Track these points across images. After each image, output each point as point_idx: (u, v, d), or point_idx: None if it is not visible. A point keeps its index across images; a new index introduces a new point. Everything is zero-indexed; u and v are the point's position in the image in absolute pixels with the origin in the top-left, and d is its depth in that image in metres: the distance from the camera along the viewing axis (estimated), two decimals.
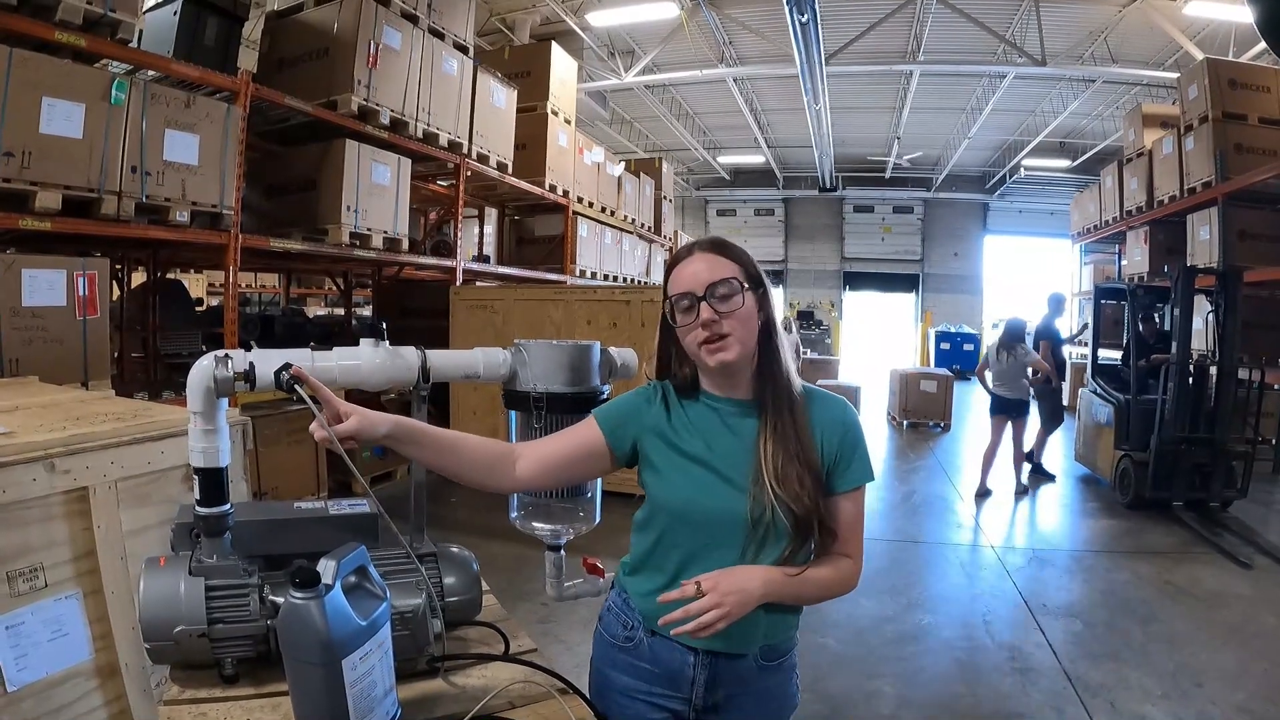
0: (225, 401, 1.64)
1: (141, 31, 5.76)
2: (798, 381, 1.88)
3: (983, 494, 9.48)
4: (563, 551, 2.04)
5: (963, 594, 6.29)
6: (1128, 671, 4.84)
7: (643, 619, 1.90)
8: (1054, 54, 14.61)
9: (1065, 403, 11.44)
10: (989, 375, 9.42)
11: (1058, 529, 8.43)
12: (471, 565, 1.90)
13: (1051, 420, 10.14)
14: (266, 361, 1.61)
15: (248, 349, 1.66)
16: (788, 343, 1.90)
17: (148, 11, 6.56)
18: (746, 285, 1.81)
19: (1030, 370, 9.34)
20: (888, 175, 27.14)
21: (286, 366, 1.60)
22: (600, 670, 1.99)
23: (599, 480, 2.04)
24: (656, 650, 1.88)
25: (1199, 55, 12.15)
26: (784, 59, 14.89)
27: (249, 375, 1.59)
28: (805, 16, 11.90)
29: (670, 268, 1.89)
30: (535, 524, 1.96)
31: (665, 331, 1.92)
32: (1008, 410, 9.31)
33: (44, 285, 4.78)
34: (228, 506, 1.66)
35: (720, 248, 1.86)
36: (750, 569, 1.77)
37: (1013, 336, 9.30)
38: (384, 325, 1.80)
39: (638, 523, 1.95)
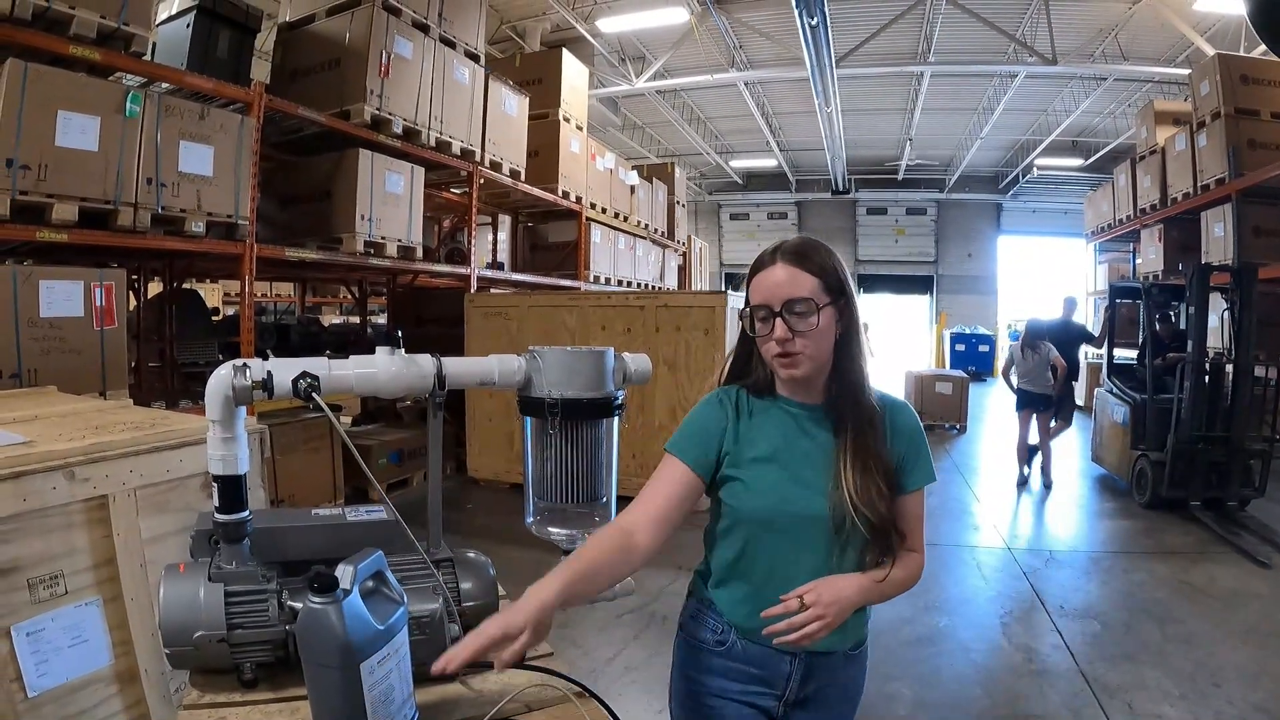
0: (244, 410, 1.65)
1: (155, 44, 5.81)
2: (873, 389, 1.90)
3: (1022, 482, 10.01)
4: None
5: (980, 596, 6.28)
6: (1145, 672, 4.82)
7: (734, 626, 1.93)
8: (1065, 52, 14.60)
9: (1080, 403, 11.52)
10: (1014, 374, 9.78)
11: (1075, 530, 8.39)
12: (488, 570, 1.91)
13: (1061, 418, 10.19)
14: (284, 370, 1.63)
15: (264, 358, 1.68)
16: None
17: (160, 24, 6.61)
18: (827, 299, 1.82)
19: (1051, 367, 9.51)
20: (900, 177, 27.13)
21: (304, 375, 1.62)
22: (688, 676, 2.01)
23: (614, 484, 2.04)
24: (751, 652, 1.92)
25: (1210, 51, 12.10)
26: (794, 62, 14.92)
27: (267, 384, 1.61)
28: (815, 19, 11.92)
29: (753, 273, 1.89)
30: (551, 529, 1.97)
31: (745, 336, 1.94)
32: (1034, 404, 9.68)
33: (61, 296, 4.83)
34: (246, 513, 1.68)
35: (802, 257, 1.85)
36: (845, 579, 1.83)
37: (1036, 335, 9.61)
38: (399, 333, 1.82)
39: (717, 534, 1.97)
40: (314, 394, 1.62)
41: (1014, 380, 9.77)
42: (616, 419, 1.98)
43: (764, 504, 1.85)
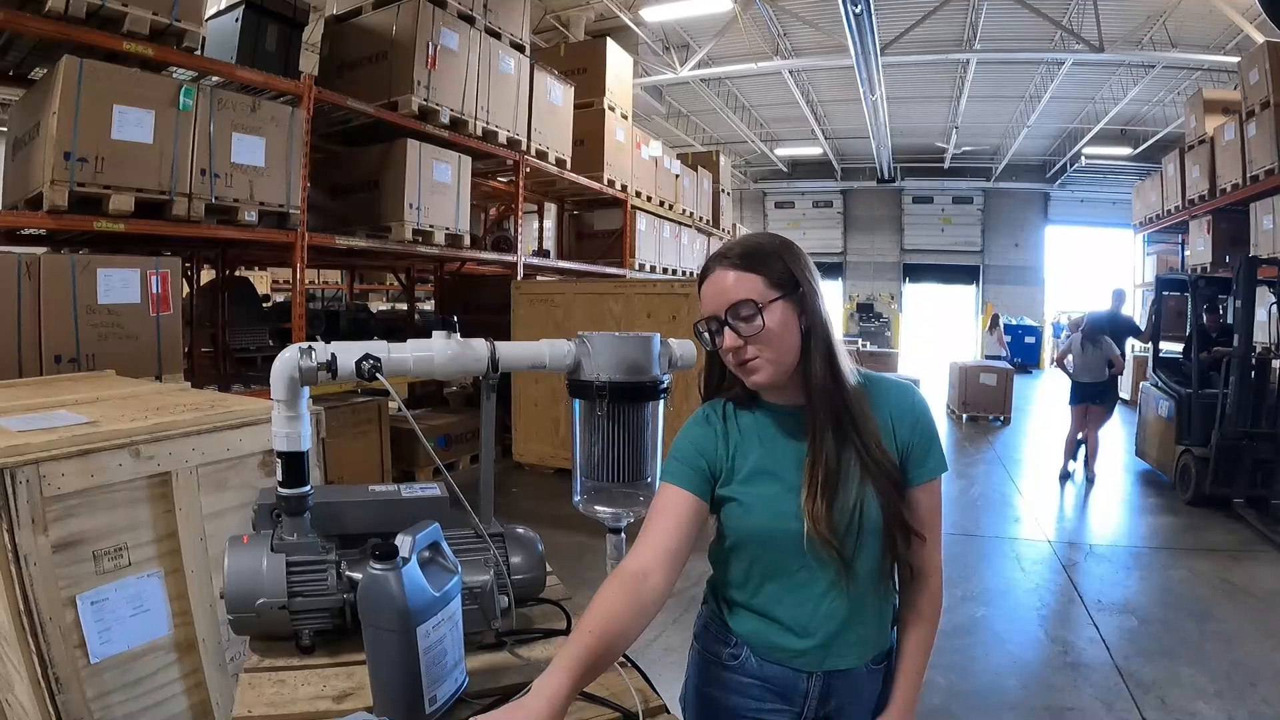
0: (307, 390, 1.72)
1: (205, 39, 5.93)
2: (852, 379, 1.74)
3: (1065, 476, 10.03)
4: (623, 534, 2.07)
5: (1018, 588, 6.29)
6: (1181, 669, 4.81)
7: (747, 644, 1.82)
8: (1112, 39, 14.42)
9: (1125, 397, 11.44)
10: (1070, 362, 9.78)
11: (1116, 524, 8.33)
12: (536, 546, 1.96)
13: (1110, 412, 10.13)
14: (346, 353, 1.70)
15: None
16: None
17: (209, 19, 6.73)
18: (775, 295, 1.67)
19: (1108, 362, 9.50)
20: (947, 165, 26.89)
21: (367, 357, 1.70)
22: (702, 692, 1.91)
23: (659, 465, 2.01)
24: (766, 670, 1.80)
25: (1259, 38, 11.79)
26: (839, 50, 14.85)
27: (331, 365, 1.68)
28: (859, 7, 11.86)
29: (699, 283, 1.77)
30: (597, 507, 2.01)
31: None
32: (1090, 398, 9.64)
33: (119, 283, 4.95)
34: (308, 488, 1.76)
35: (743, 257, 1.71)
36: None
37: (1097, 328, 9.57)
38: (455, 319, 1.88)
39: (723, 552, 1.84)
40: (377, 374, 1.69)
41: (1069, 369, 9.76)
42: (662, 402, 2.00)
43: (760, 521, 1.73)
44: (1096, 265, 26.63)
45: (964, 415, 14.69)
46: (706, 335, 1.75)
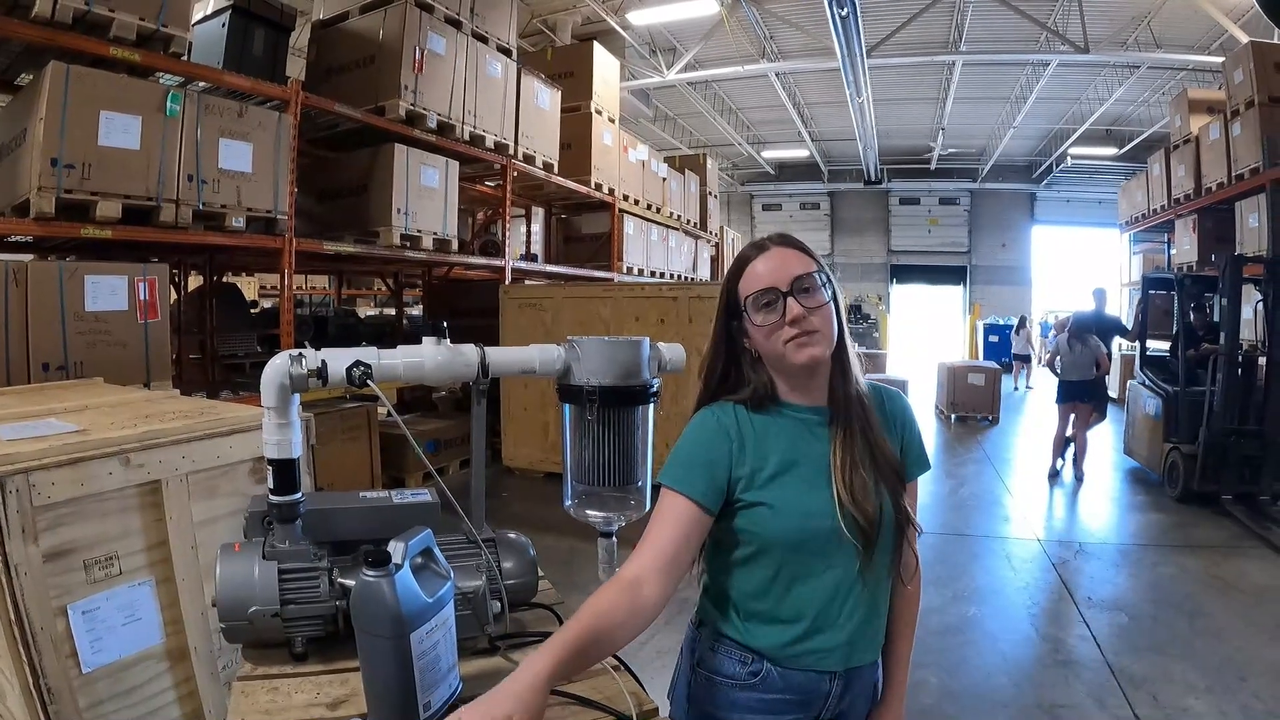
0: (298, 396, 1.72)
1: (191, 44, 5.91)
2: (863, 379, 1.82)
3: (1053, 475, 10.05)
4: (614, 538, 2.08)
5: (1009, 586, 6.29)
6: (1171, 665, 4.83)
7: (767, 657, 1.78)
8: (1097, 40, 14.48)
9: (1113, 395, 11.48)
10: (1059, 363, 9.82)
11: (1105, 522, 8.36)
12: (528, 551, 1.96)
13: (1096, 410, 10.16)
14: (337, 359, 1.70)
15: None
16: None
17: (196, 24, 6.71)
18: (828, 280, 1.74)
19: (1095, 362, 9.58)
20: (933, 167, 26.96)
21: (358, 363, 1.70)
22: (710, 715, 1.84)
23: (649, 469, 2.00)
24: (790, 679, 1.77)
25: (1243, 38, 11.86)
26: (825, 52, 14.90)
27: (321, 372, 1.68)
28: (845, 9, 11.91)
29: (741, 266, 1.79)
30: (589, 511, 2.00)
31: (726, 342, 1.86)
32: (1077, 396, 9.71)
33: (106, 291, 4.93)
34: (299, 495, 1.75)
35: (795, 243, 1.78)
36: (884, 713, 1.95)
37: (1084, 328, 9.69)
38: (445, 324, 1.88)
39: (733, 562, 1.81)
40: (368, 381, 1.69)
41: (1059, 370, 9.81)
42: (652, 406, 1.99)
43: (792, 524, 1.71)
44: (1083, 265, 26.72)
45: (953, 415, 14.75)
46: (748, 316, 1.76)
